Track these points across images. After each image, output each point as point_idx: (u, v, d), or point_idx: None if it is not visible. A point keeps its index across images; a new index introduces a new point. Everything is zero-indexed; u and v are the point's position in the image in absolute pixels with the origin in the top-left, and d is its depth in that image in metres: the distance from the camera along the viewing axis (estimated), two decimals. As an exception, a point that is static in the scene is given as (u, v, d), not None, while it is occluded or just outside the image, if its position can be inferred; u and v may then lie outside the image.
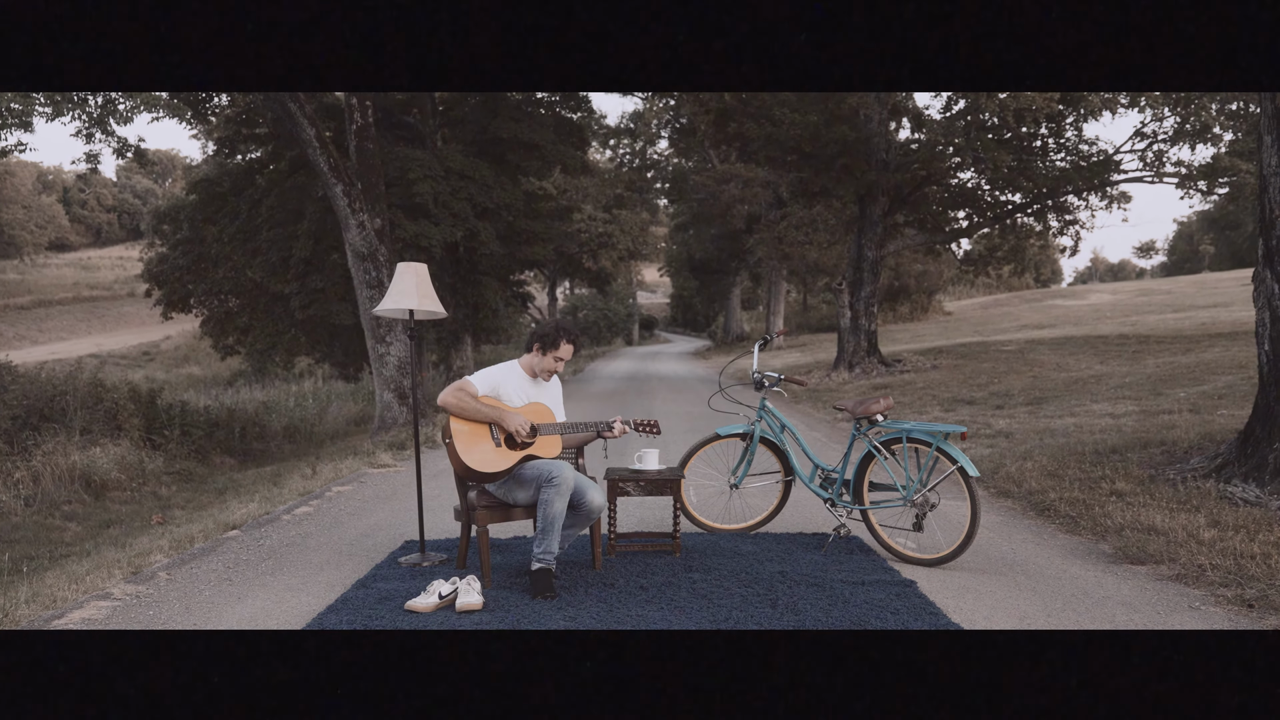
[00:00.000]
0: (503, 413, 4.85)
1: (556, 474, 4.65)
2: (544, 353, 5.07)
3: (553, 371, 5.11)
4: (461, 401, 4.83)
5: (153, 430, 13.21)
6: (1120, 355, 17.42)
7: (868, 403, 5.48)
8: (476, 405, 4.84)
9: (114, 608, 4.63)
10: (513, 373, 5.07)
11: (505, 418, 4.83)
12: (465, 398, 4.84)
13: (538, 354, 5.08)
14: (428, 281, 5.70)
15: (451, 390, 4.86)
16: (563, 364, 5.11)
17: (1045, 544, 5.60)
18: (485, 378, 4.98)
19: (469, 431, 4.85)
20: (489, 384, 4.96)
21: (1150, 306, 33.77)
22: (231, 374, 31.49)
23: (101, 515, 9.88)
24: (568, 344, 5.09)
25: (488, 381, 4.97)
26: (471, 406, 4.83)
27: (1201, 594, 4.48)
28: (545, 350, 5.06)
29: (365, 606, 4.42)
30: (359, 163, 14.43)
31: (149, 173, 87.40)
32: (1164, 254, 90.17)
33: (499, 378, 5.01)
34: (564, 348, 5.08)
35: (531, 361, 5.11)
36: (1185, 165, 18.44)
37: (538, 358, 5.08)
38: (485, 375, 5.00)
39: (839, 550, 5.44)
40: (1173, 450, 7.46)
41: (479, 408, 4.84)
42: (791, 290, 47.72)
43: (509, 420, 4.82)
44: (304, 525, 6.68)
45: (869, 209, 19.80)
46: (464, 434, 4.84)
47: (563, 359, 5.08)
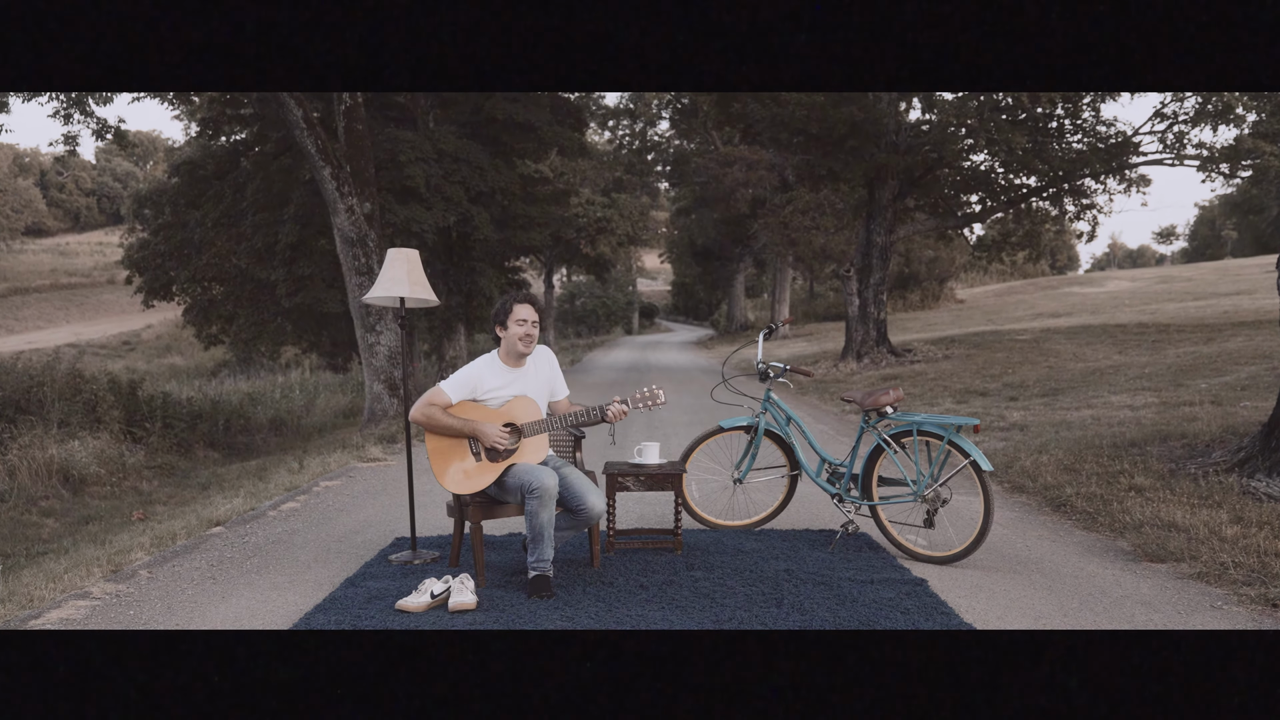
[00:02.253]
0: (475, 426, 4.66)
1: (536, 485, 4.48)
2: (505, 328, 4.86)
3: (527, 342, 4.85)
4: (431, 418, 4.67)
5: (133, 423, 13.22)
6: (1139, 345, 17.41)
7: (877, 394, 5.47)
8: (447, 420, 4.67)
9: (93, 607, 4.63)
10: (490, 366, 4.90)
11: (480, 431, 4.66)
12: (435, 412, 4.67)
13: (501, 332, 4.89)
14: (419, 268, 5.68)
15: (421, 405, 4.70)
16: (532, 329, 4.84)
17: (1061, 541, 5.59)
18: (458, 381, 4.81)
19: (447, 448, 4.71)
20: (464, 386, 4.79)
21: (1170, 294, 33.74)
22: (215, 364, 31.50)
23: (80, 511, 9.88)
24: (520, 305, 4.85)
25: (463, 384, 4.80)
26: (443, 422, 4.66)
27: (1224, 593, 4.47)
28: (505, 324, 4.86)
29: (354, 606, 4.42)
30: (348, 144, 14.39)
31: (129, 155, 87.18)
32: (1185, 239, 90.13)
33: (475, 376, 4.83)
34: (518, 309, 4.84)
35: (505, 346, 4.91)
36: (1207, 147, 18.37)
37: (504, 336, 4.88)
38: (458, 379, 4.83)
39: (847, 547, 5.43)
40: (1194, 443, 7.45)
41: (449, 422, 4.67)
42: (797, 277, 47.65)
43: (484, 435, 4.65)
44: (291, 521, 6.67)
45: (878, 192, 19.77)
46: (441, 452, 4.71)
47: (526, 320, 4.82)
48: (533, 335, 4.87)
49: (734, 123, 20.77)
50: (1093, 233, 21.94)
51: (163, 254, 22.40)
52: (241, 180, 20.42)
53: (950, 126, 18.62)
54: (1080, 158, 18.62)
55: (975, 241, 27.05)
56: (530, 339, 4.87)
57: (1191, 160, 18.48)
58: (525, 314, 4.86)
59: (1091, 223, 21.04)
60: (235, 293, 22.11)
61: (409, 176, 17.28)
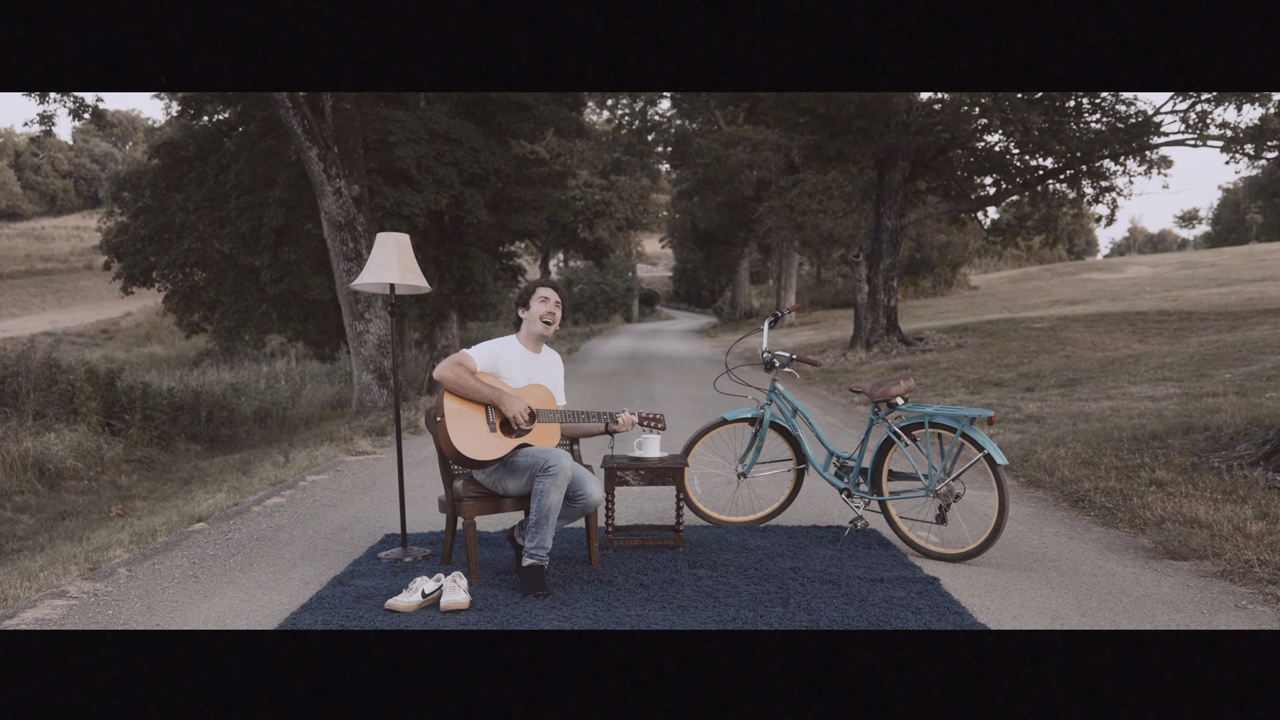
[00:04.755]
0: (502, 395, 4.76)
1: (554, 462, 4.58)
2: (528, 307, 5.05)
3: (548, 325, 5.04)
4: (460, 378, 4.75)
5: (112, 415, 13.22)
6: (1160, 333, 17.41)
7: (887, 384, 5.46)
8: (476, 384, 4.76)
9: (70, 607, 4.62)
10: (511, 347, 5.02)
11: (505, 401, 4.75)
12: (464, 374, 4.77)
13: (524, 313, 5.07)
14: (410, 253, 5.67)
15: (450, 364, 4.79)
16: (554, 308, 5.06)
17: (1079, 538, 5.59)
18: (484, 352, 4.93)
19: (463, 412, 4.78)
20: (488, 359, 4.91)
21: (1193, 280, 33.74)
22: (197, 353, 31.54)
23: (56, 507, 9.89)
24: (544, 287, 5.09)
25: (486, 356, 4.92)
26: (471, 384, 4.75)
27: (1249, 592, 4.47)
28: (528, 304, 5.05)
29: (342, 605, 4.42)
30: (336, 124, 14.36)
31: (108, 135, 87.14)
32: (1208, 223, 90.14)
33: (498, 352, 4.96)
34: (541, 290, 5.08)
35: (526, 328, 5.07)
36: (1231, 127, 18.32)
37: (526, 317, 5.06)
38: (484, 350, 4.95)
39: (855, 545, 5.43)
40: (1217, 436, 7.44)
41: (478, 386, 4.76)
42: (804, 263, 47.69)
43: (508, 405, 4.74)
44: (276, 517, 6.67)
45: (888, 174, 19.73)
46: (457, 414, 4.77)
47: (549, 299, 5.05)
48: (555, 315, 5.07)
49: (738, 101, 20.72)
50: (1112, 216, 21.83)
51: (142, 238, 22.36)
52: (225, 162, 20.35)
53: (964, 106, 18.58)
54: (1099, 138, 18.59)
55: (989, 226, 27.06)
56: (552, 319, 5.06)
57: (1215, 141, 18.44)
58: (548, 294, 5.08)
59: (1111, 206, 20.97)
60: (218, 279, 22.10)
61: (399, 158, 17.25)
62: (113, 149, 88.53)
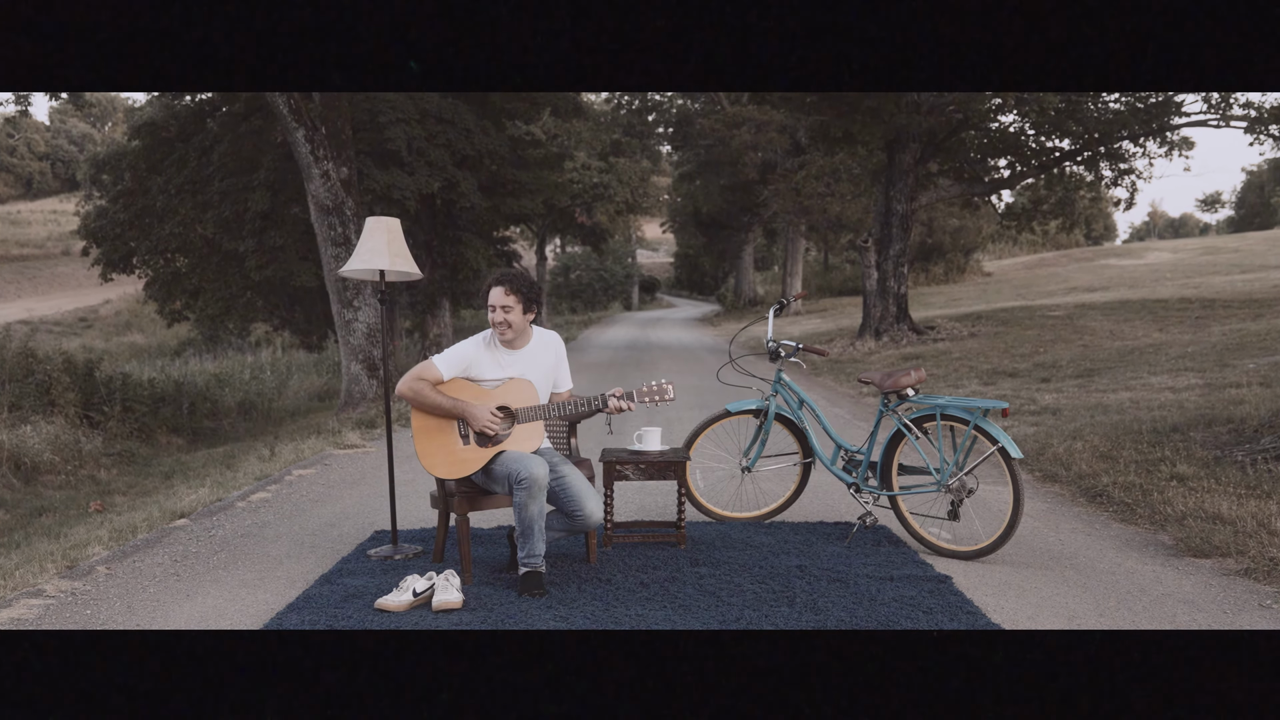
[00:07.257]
0: (465, 407, 4.64)
1: (524, 474, 4.45)
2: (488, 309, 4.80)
3: (501, 330, 4.76)
4: (419, 393, 4.64)
5: (90, 406, 13.20)
6: (1182, 322, 17.40)
7: (897, 375, 5.45)
8: (437, 397, 4.65)
9: (47, 606, 4.63)
10: (485, 345, 4.87)
11: (469, 412, 4.63)
12: (423, 388, 4.64)
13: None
14: (401, 238, 5.65)
15: (409, 379, 4.67)
16: (503, 315, 4.71)
17: (1097, 534, 5.59)
18: (452, 357, 4.79)
19: (433, 429, 4.69)
20: (458, 363, 4.77)
21: (1216, 266, 33.71)
22: (179, 343, 31.51)
23: (33, 502, 9.88)
24: (494, 288, 4.75)
25: (456, 361, 4.77)
26: (431, 399, 4.64)
27: (1273, 590, 4.47)
28: (488, 307, 4.78)
29: (330, 605, 4.42)
30: (323, 104, 14.30)
31: (86, 115, 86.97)
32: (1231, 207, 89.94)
33: (470, 354, 4.81)
34: (491, 295, 4.74)
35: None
36: (1255, 107, 18.28)
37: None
38: (452, 354, 4.81)
39: (864, 541, 5.43)
40: (1241, 428, 7.44)
41: (439, 400, 4.64)
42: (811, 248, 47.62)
43: (474, 417, 4.63)
44: (261, 513, 6.67)
45: (898, 157, 19.69)
46: (425, 431, 4.69)
47: (495, 307, 4.72)
48: (508, 320, 4.75)
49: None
50: (1131, 200, 21.90)
51: (122, 223, 22.30)
52: (208, 143, 20.32)
53: (977, 84, 18.52)
54: (1118, 118, 18.55)
55: (1003, 210, 27.03)
56: (505, 327, 4.77)
57: (1238, 121, 18.41)
58: (495, 299, 4.74)
59: (1130, 189, 20.97)
60: (201, 265, 22.03)
61: (390, 139, 17.23)
62: (91, 130, 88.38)
